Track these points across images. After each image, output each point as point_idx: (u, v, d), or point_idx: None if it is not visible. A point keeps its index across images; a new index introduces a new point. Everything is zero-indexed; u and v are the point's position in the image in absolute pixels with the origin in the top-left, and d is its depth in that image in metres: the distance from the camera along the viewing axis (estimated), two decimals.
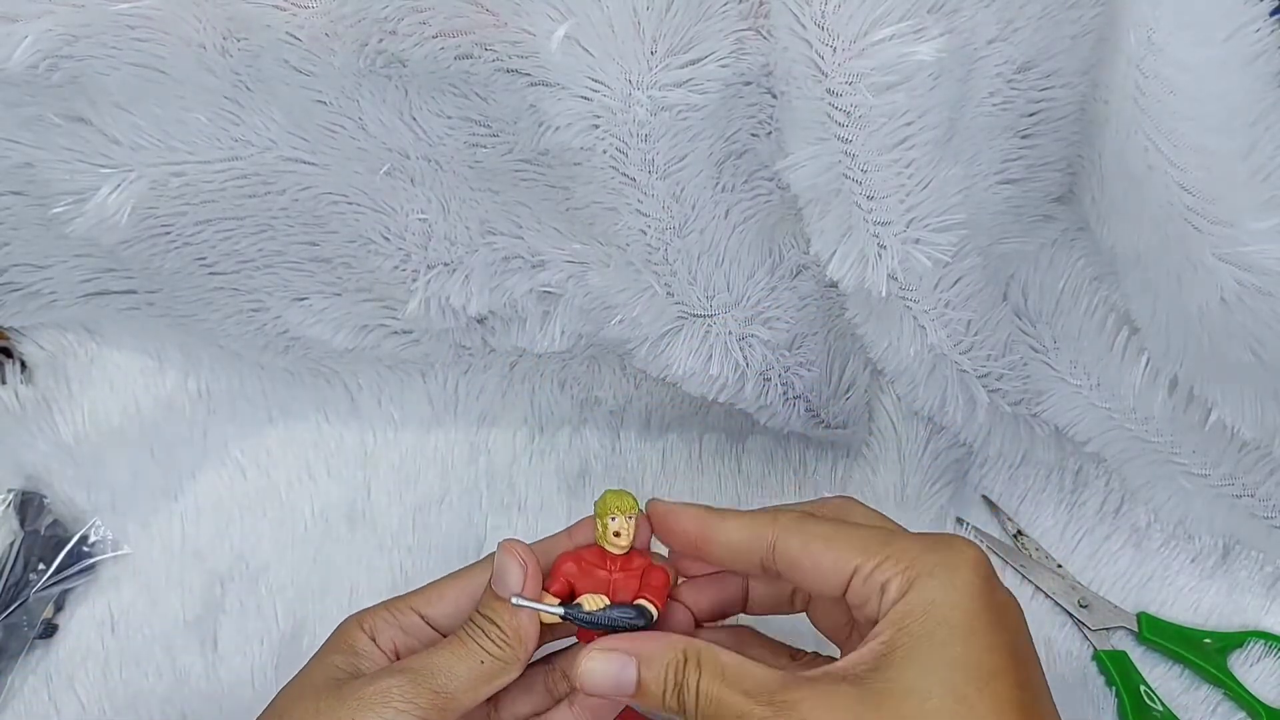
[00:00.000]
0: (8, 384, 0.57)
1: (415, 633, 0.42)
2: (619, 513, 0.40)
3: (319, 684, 0.39)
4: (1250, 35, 0.37)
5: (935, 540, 0.38)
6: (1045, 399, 0.54)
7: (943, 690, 0.34)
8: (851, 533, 0.38)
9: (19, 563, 0.54)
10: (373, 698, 0.38)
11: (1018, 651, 0.35)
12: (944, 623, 0.35)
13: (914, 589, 0.36)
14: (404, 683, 0.38)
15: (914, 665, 0.34)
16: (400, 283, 0.50)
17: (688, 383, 0.51)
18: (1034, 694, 0.35)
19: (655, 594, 0.39)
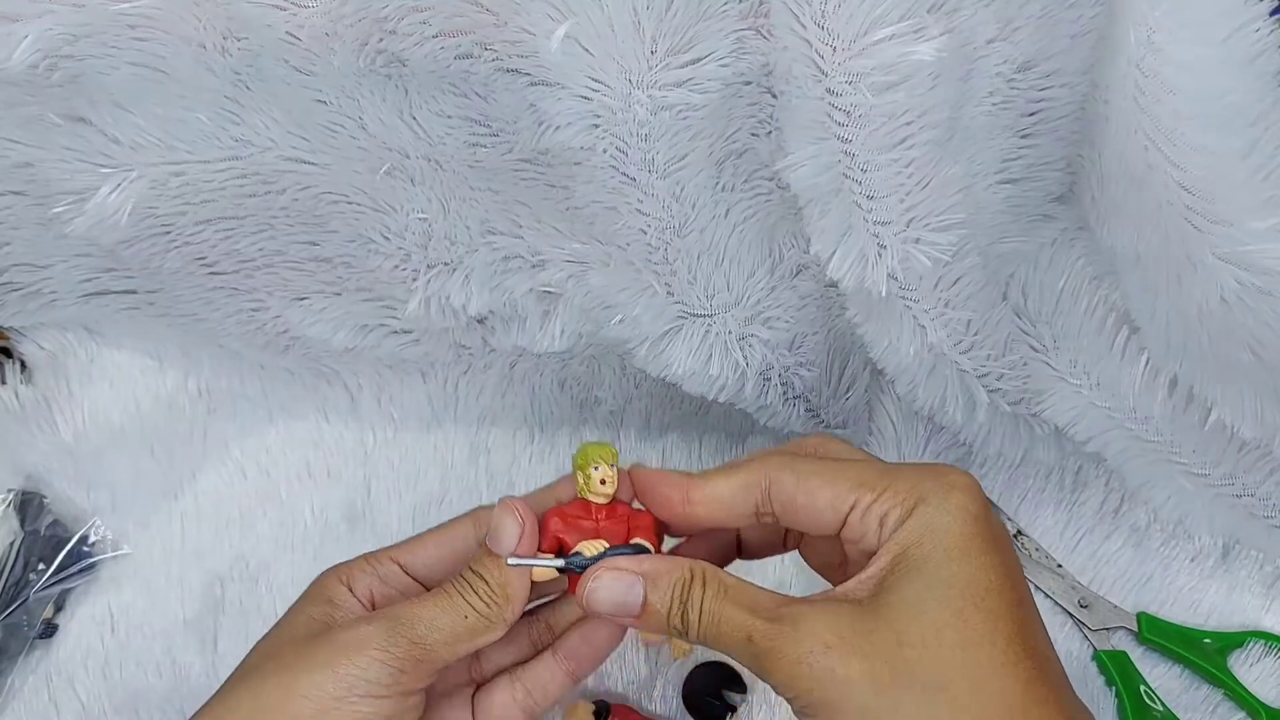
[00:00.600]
0: (8, 384, 0.57)
1: (393, 582, 0.41)
2: (602, 461, 0.39)
3: (295, 635, 0.39)
4: (1250, 35, 0.37)
5: (930, 469, 0.38)
6: (1045, 399, 0.54)
7: (939, 605, 0.35)
8: (846, 469, 0.39)
9: (19, 562, 0.54)
10: (348, 644, 0.37)
11: (1010, 572, 0.36)
12: (941, 545, 0.36)
13: (913, 516, 0.36)
14: (381, 630, 0.38)
15: (912, 585, 0.35)
16: (400, 282, 0.50)
17: (688, 382, 0.51)
18: (1026, 611, 0.36)
19: (646, 534, 0.39)
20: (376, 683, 0.37)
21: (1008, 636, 0.34)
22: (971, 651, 0.34)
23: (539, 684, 0.43)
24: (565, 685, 0.43)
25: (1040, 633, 0.36)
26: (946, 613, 0.34)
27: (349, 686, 0.37)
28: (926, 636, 0.34)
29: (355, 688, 0.37)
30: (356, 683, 0.37)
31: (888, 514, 0.37)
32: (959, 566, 0.35)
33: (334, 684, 0.37)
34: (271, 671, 0.37)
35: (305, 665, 0.37)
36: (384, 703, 0.37)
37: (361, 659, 0.37)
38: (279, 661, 0.38)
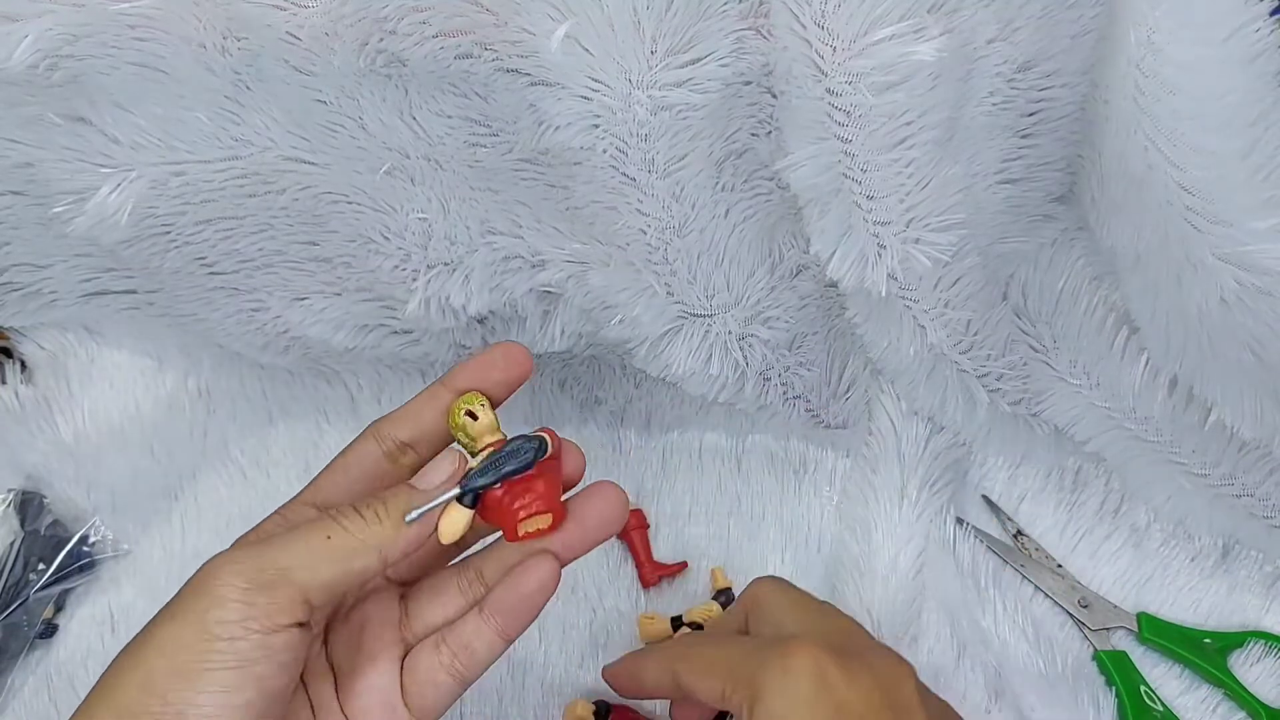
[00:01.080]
0: (8, 384, 0.57)
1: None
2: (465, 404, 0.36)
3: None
4: (1250, 35, 0.37)
5: (774, 652, 0.38)
6: (1045, 399, 0.54)
7: None
8: (723, 653, 0.40)
9: (19, 562, 0.54)
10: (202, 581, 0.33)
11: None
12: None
13: (758, 708, 0.37)
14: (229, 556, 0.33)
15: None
16: (400, 282, 0.50)
17: (688, 382, 0.51)
18: None
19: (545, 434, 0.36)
20: (228, 620, 0.32)
21: None
22: None
23: (465, 643, 0.38)
24: (495, 645, 0.39)
25: None
26: None
27: (201, 631, 0.32)
28: None
29: (207, 630, 0.32)
30: (215, 623, 0.32)
31: (741, 705, 0.38)
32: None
33: (193, 631, 0.32)
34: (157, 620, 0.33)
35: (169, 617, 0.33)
36: (240, 644, 0.32)
37: (215, 593, 0.32)
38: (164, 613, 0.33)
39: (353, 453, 0.38)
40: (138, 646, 0.33)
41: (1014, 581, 0.56)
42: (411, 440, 0.38)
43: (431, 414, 0.38)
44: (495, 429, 0.36)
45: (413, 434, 0.38)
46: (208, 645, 0.32)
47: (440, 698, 0.38)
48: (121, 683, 0.32)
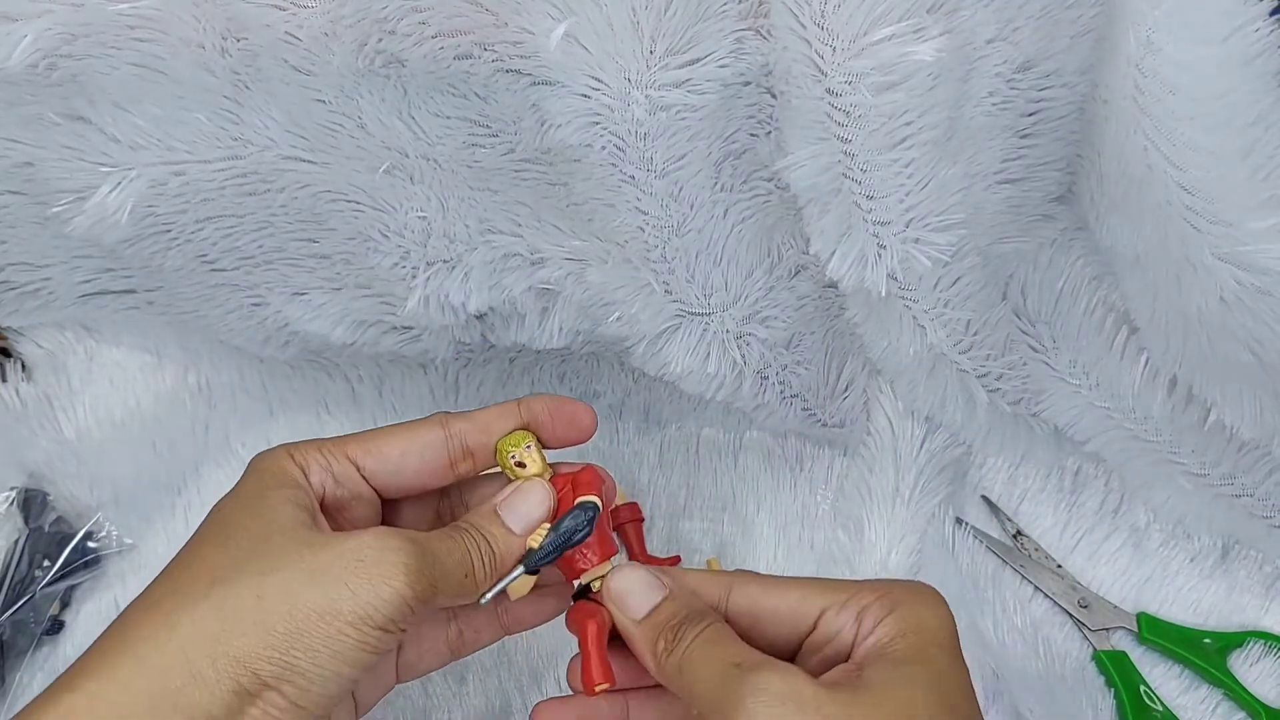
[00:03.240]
0: (8, 382, 0.58)
1: (348, 485, 0.38)
2: (513, 448, 0.39)
3: (282, 524, 0.34)
4: (1250, 35, 0.37)
5: (899, 580, 0.37)
6: (1045, 399, 0.54)
7: (932, 694, 0.33)
8: (809, 580, 0.38)
9: (24, 560, 0.55)
10: (376, 565, 0.33)
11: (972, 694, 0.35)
12: (934, 639, 0.34)
13: (899, 609, 0.35)
14: (414, 555, 0.33)
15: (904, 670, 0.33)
16: (399, 280, 0.50)
17: (685, 381, 0.51)
18: None
19: (587, 489, 0.38)
20: (392, 615, 0.33)
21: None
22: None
23: (474, 628, 0.40)
24: (497, 636, 0.41)
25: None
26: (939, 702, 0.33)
27: (364, 613, 0.32)
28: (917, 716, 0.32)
29: (370, 616, 0.32)
30: (372, 610, 0.32)
31: (867, 609, 0.35)
32: (951, 664, 0.34)
33: (350, 604, 0.32)
34: (265, 572, 0.33)
35: (313, 574, 0.33)
36: (390, 637, 0.33)
37: (385, 585, 0.33)
38: (273, 561, 0.33)
39: (418, 437, 0.39)
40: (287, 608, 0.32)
41: (1013, 582, 0.56)
42: (474, 448, 0.39)
43: (501, 427, 0.39)
44: (543, 470, 0.39)
45: (477, 444, 0.39)
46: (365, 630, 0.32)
47: (430, 665, 0.41)
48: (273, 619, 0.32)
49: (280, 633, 0.32)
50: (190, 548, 0.36)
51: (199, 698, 0.32)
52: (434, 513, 0.41)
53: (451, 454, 0.39)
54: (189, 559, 0.35)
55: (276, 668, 0.32)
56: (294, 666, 0.32)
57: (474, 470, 0.40)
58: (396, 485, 0.39)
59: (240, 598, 0.32)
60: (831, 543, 0.56)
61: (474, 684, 0.52)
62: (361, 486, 0.38)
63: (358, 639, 0.32)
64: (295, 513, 0.35)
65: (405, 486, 0.39)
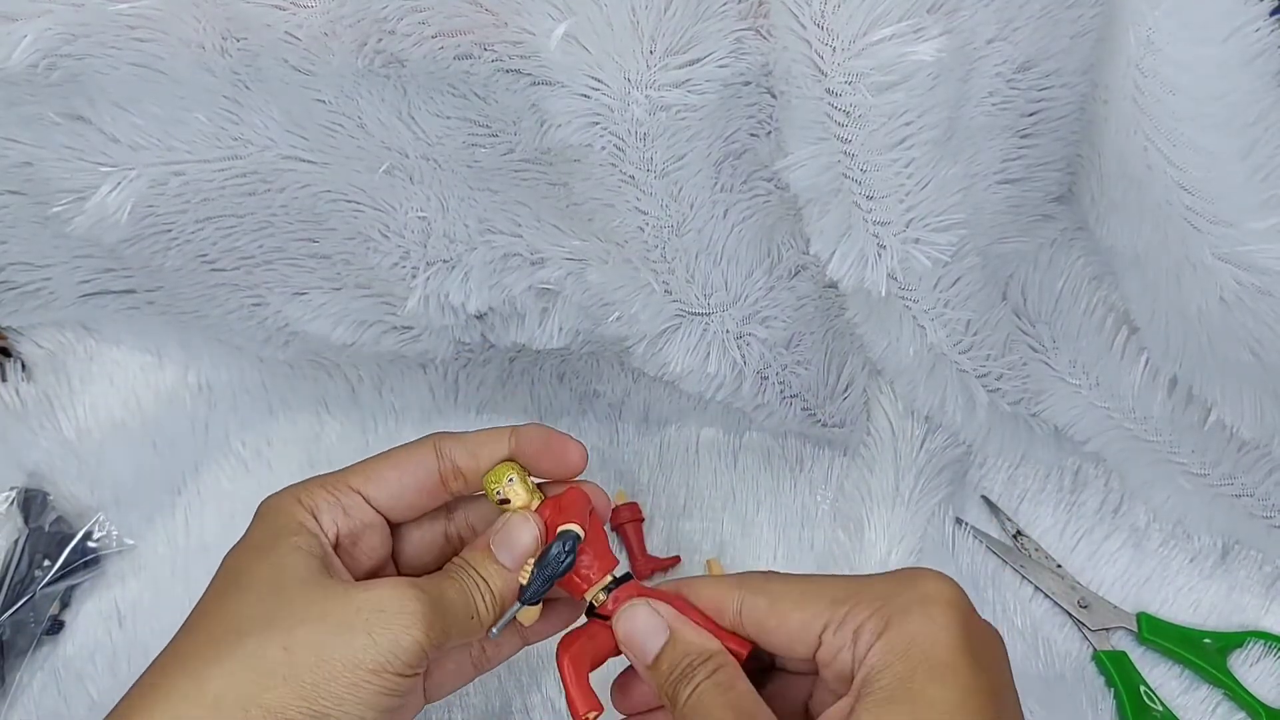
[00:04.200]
0: (8, 382, 0.58)
1: (357, 515, 0.39)
2: (496, 484, 0.40)
3: (299, 575, 0.36)
4: (1250, 35, 0.37)
5: (906, 576, 0.36)
6: (1045, 399, 0.54)
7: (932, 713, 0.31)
8: (819, 585, 0.37)
9: (24, 560, 0.55)
10: (396, 616, 0.35)
11: (997, 692, 0.33)
12: (924, 661, 0.33)
13: (890, 628, 0.33)
14: (425, 603, 0.35)
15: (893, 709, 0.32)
16: (399, 280, 0.50)
17: (685, 380, 0.51)
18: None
19: (570, 514, 0.39)
20: (411, 661, 0.35)
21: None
22: None
23: (495, 644, 0.42)
24: (518, 648, 0.43)
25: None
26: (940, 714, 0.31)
27: (385, 660, 0.34)
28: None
29: (391, 663, 0.34)
30: (393, 657, 0.34)
31: (861, 627, 0.34)
32: (940, 690, 0.32)
33: (372, 654, 0.34)
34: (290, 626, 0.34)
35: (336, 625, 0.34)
36: (409, 682, 0.35)
37: (405, 634, 0.34)
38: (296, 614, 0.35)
39: (411, 458, 0.40)
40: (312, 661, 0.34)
41: (1013, 582, 0.56)
42: (465, 469, 0.41)
43: (490, 453, 0.40)
44: (528, 502, 0.40)
45: (467, 464, 0.41)
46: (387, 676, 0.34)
47: (456, 684, 0.42)
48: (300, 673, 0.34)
49: (308, 683, 0.34)
50: (209, 599, 0.37)
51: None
52: (442, 535, 0.43)
53: (443, 473, 0.40)
54: (210, 611, 0.37)
55: (306, 716, 0.34)
56: (323, 714, 0.34)
57: (466, 489, 0.41)
58: (401, 508, 0.40)
59: (268, 651, 0.34)
60: (831, 543, 0.56)
61: (474, 684, 0.52)
62: (370, 515, 0.39)
63: (380, 685, 0.34)
64: (308, 561, 0.36)
65: (408, 508, 0.41)
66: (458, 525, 0.43)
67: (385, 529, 0.40)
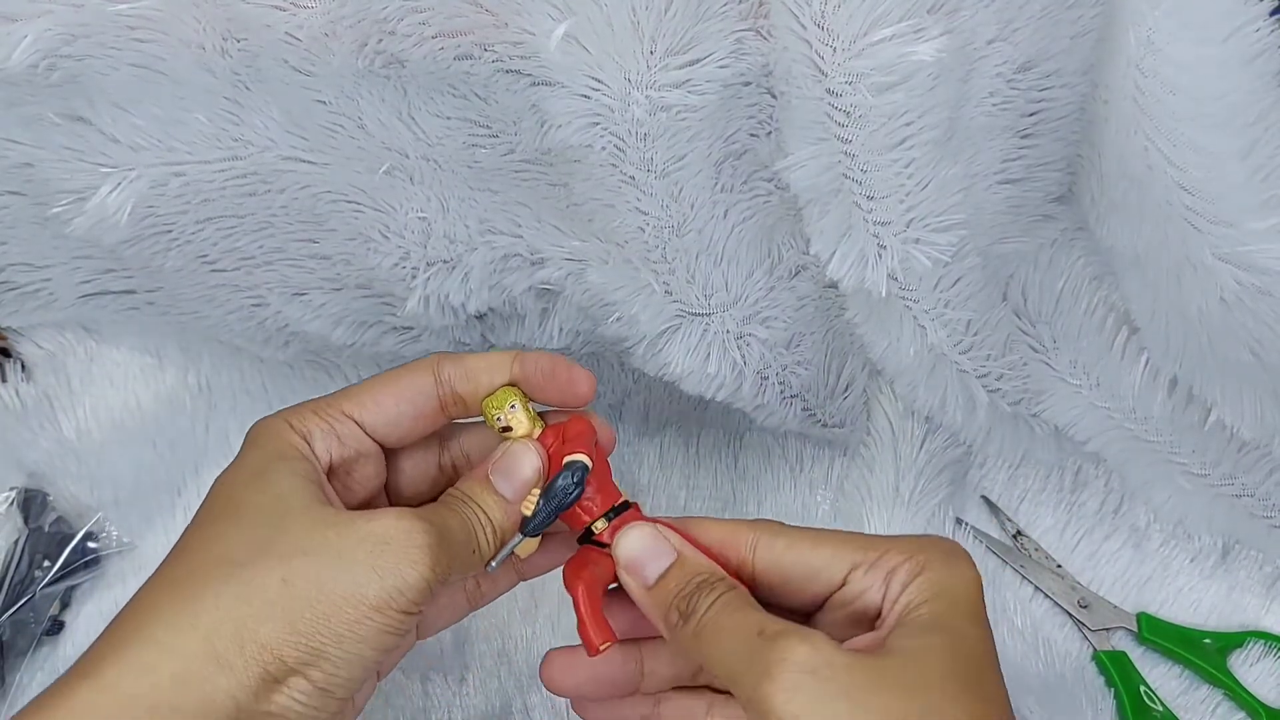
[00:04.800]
0: (9, 382, 0.58)
1: (352, 443, 0.37)
2: (497, 410, 0.38)
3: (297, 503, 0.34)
4: (1250, 35, 0.37)
5: (927, 537, 0.37)
6: (1045, 399, 0.54)
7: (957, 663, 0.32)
8: (836, 534, 0.37)
9: (24, 560, 0.54)
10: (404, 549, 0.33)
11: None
12: (960, 603, 0.34)
13: (927, 571, 0.34)
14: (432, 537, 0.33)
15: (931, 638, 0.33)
16: (399, 280, 0.50)
17: (685, 381, 0.51)
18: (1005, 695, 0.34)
19: (577, 444, 0.38)
20: (417, 598, 0.33)
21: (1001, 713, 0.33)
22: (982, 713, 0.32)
23: (490, 580, 0.41)
24: (513, 583, 0.42)
25: None
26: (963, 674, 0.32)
27: (389, 598, 0.32)
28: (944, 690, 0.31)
29: (396, 599, 0.32)
30: (398, 593, 0.32)
31: (895, 571, 0.35)
32: (975, 630, 0.34)
33: (376, 588, 0.32)
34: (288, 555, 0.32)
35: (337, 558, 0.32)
36: (411, 620, 0.33)
37: (410, 570, 0.32)
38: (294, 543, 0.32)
39: (409, 382, 0.38)
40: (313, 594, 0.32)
41: (1013, 582, 0.56)
42: (464, 394, 0.39)
43: (490, 380, 0.39)
44: (530, 430, 0.38)
45: (466, 390, 0.39)
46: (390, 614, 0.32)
47: (449, 621, 0.41)
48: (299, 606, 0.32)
49: (307, 618, 0.32)
50: (202, 525, 0.35)
51: (225, 683, 0.31)
52: (435, 465, 0.41)
53: (442, 397, 0.38)
54: (203, 537, 0.34)
55: (303, 653, 0.32)
56: (321, 652, 0.32)
57: (465, 413, 0.39)
58: (397, 435, 0.38)
59: (265, 582, 0.32)
60: None
61: (474, 684, 0.52)
62: (365, 442, 0.38)
63: (382, 623, 0.32)
64: (305, 487, 0.34)
65: (404, 435, 0.39)
66: (453, 454, 0.41)
67: (381, 458, 0.38)
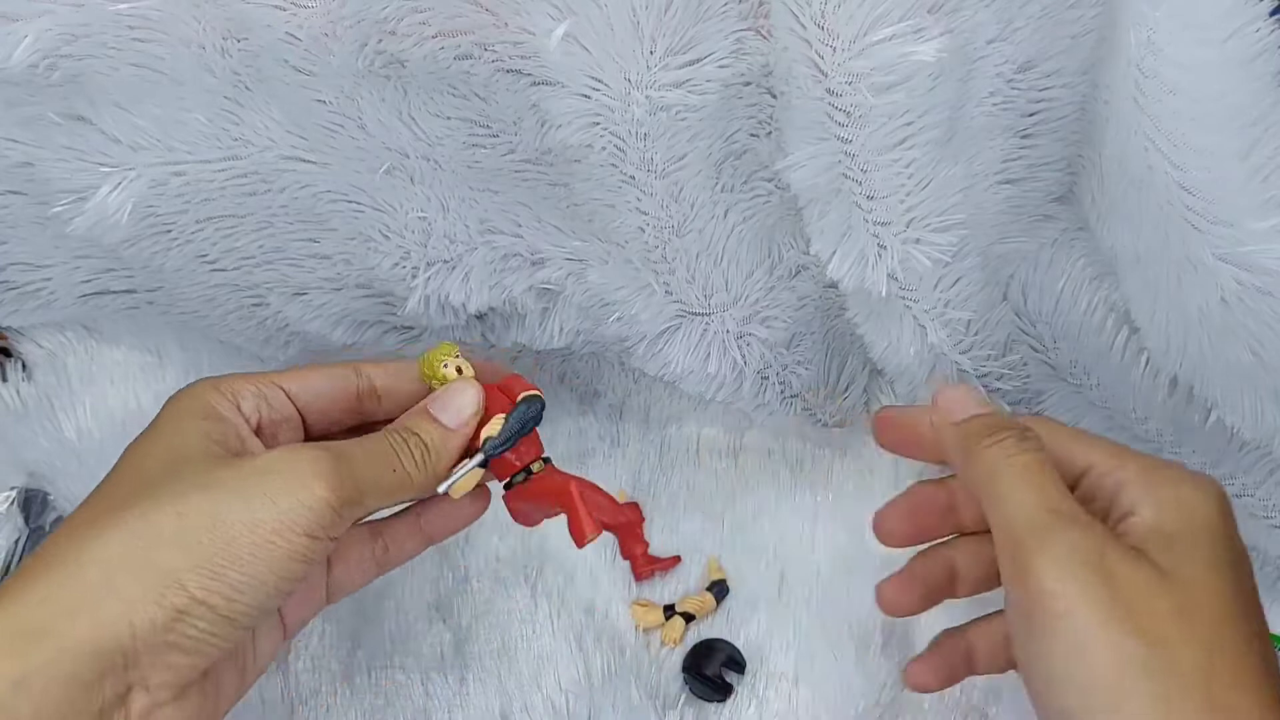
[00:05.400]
0: (9, 382, 0.58)
1: (280, 409, 0.39)
2: (446, 358, 0.40)
3: (196, 451, 0.35)
4: (1250, 35, 0.37)
5: (1171, 464, 0.36)
6: (1045, 399, 0.54)
7: (1224, 577, 0.32)
8: (1080, 434, 0.38)
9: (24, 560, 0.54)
10: (287, 472, 0.34)
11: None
12: (1215, 537, 0.33)
13: (1163, 491, 0.34)
14: (328, 461, 0.34)
15: (1203, 571, 0.32)
16: (400, 280, 0.50)
17: (685, 381, 0.51)
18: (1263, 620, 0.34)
19: (525, 386, 0.40)
20: (317, 520, 0.33)
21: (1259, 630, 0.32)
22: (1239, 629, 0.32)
23: (398, 542, 0.42)
24: (421, 547, 0.42)
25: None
26: (1247, 608, 0.32)
27: (290, 520, 0.33)
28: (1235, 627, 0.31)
29: (296, 523, 0.33)
30: (298, 517, 0.33)
31: (1124, 485, 0.35)
32: (1246, 563, 0.34)
33: (273, 515, 0.33)
34: (191, 484, 0.33)
35: (232, 490, 0.33)
36: (318, 544, 0.34)
37: (305, 491, 0.33)
38: (189, 482, 0.33)
39: (334, 370, 0.41)
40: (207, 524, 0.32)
41: None
42: (381, 390, 0.41)
43: (406, 385, 0.41)
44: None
45: (384, 386, 0.41)
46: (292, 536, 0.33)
47: (357, 582, 0.42)
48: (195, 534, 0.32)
49: (205, 544, 0.32)
50: (104, 481, 0.36)
51: (120, 610, 0.31)
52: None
53: (360, 390, 0.41)
54: (103, 490, 0.35)
55: (204, 578, 0.32)
56: (222, 577, 0.32)
57: (378, 412, 0.41)
58: (316, 409, 0.40)
59: (160, 515, 0.33)
60: (833, 543, 0.56)
61: (474, 684, 0.52)
62: (289, 409, 0.39)
63: (286, 547, 0.33)
64: (206, 443, 0.35)
65: (322, 414, 0.40)
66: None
67: (301, 428, 0.40)
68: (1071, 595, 0.31)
